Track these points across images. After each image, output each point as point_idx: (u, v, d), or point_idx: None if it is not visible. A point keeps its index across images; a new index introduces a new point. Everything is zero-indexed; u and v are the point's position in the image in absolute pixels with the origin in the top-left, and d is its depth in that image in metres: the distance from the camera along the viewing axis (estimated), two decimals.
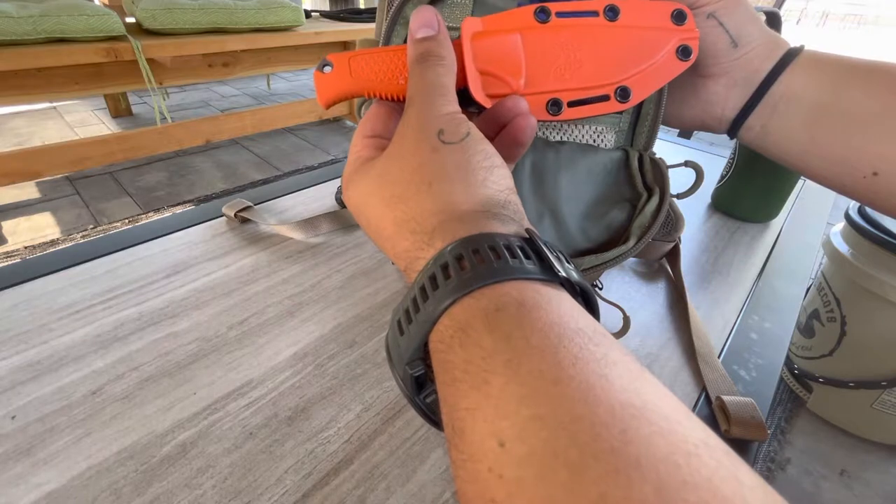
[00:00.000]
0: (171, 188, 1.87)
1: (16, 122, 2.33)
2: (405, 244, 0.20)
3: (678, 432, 0.12)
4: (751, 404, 0.32)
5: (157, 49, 1.52)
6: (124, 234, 0.47)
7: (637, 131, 0.32)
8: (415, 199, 0.20)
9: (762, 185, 0.56)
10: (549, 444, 0.12)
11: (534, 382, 0.13)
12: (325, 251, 0.46)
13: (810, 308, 1.10)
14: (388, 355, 0.20)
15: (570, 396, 0.13)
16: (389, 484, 0.27)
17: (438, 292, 0.17)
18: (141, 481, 0.26)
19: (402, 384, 0.19)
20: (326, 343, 0.36)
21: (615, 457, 0.11)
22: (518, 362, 0.14)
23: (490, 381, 0.14)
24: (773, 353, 0.39)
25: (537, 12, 0.25)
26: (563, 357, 0.14)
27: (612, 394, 0.13)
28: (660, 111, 0.31)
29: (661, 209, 0.31)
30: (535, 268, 0.17)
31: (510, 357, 0.14)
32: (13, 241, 1.48)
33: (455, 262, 0.17)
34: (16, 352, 0.33)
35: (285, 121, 2.11)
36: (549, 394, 0.13)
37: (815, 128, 0.28)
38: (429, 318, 0.17)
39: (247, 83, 3.18)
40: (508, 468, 0.12)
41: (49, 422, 0.29)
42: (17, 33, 1.28)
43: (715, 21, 0.28)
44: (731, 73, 0.30)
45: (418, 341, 0.17)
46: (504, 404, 0.13)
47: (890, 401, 0.98)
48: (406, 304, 0.18)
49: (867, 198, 0.29)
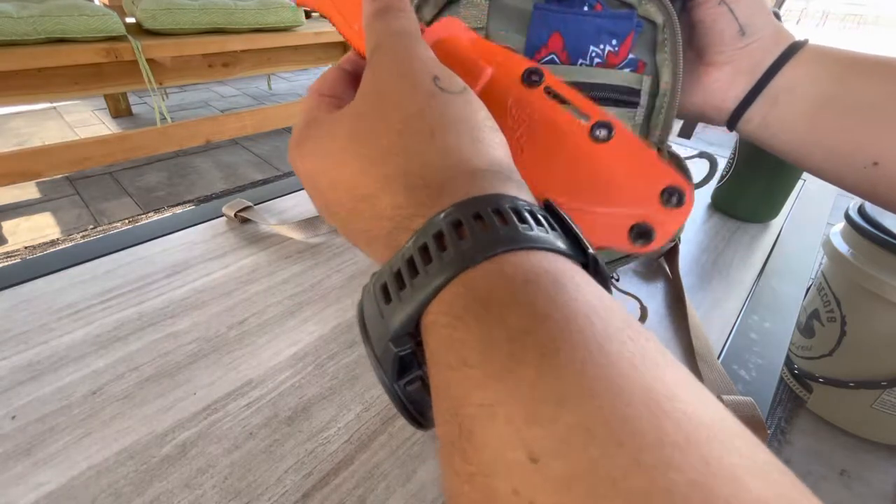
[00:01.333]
0: (171, 188, 1.87)
1: (16, 122, 2.33)
2: (397, 200, 0.16)
3: (757, 456, 0.10)
4: (751, 403, 0.32)
5: (157, 49, 1.52)
6: (124, 234, 0.47)
7: (652, 124, 0.32)
8: (414, 150, 0.16)
9: (762, 185, 0.56)
10: (601, 466, 0.09)
11: (579, 380, 0.10)
12: (325, 251, 0.46)
13: (810, 308, 1.10)
14: (362, 328, 0.16)
15: (628, 403, 0.10)
16: (389, 484, 0.27)
17: (447, 254, 0.14)
18: (141, 481, 0.26)
19: (380, 366, 0.15)
20: (326, 343, 0.36)
21: (699, 492, 0.09)
22: (557, 351, 0.11)
23: (517, 371, 0.11)
24: (773, 353, 0.39)
25: (528, 73, 0.21)
26: (613, 352, 0.11)
27: (677, 405, 0.10)
28: (674, 105, 0.30)
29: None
30: (562, 241, 0.14)
31: (547, 343, 0.11)
32: (13, 241, 1.48)
33: (471, 221, 0.14)
34: (16, 352, 0.33)
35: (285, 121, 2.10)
36: (600, 398, 0.10)
37: (815, 119, 0.28)
38: (431, 284, 0.14)
39: (247, 83, 3.17)
40: (543, 494, 0.09)
41: (49, 422, 0.29)
42: (18, 33, 1.28)
43: (725, 8, 0.28)
44: (735, 62, 0.29)
45: (413, 310, 0.14)
46: (538, 405, 0.10)
47: (890, 401, 0.98)
48: (397, 264, 0.15)
49: (867, 190, 0.28)
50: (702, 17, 0.30)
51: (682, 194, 0.19)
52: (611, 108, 0.30)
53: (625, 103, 0.30)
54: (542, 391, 0.10)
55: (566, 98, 0.21)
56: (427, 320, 0.14)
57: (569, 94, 0.21)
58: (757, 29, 0.29)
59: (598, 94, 0.29)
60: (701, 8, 0.29)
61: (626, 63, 0.30)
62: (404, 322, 0.14)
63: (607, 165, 0.19)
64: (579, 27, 0.29)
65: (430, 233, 0.14)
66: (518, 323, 0.12)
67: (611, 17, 0.29)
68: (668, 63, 0.30)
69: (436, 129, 0.17)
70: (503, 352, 0.11)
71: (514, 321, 0.12)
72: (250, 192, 0.56)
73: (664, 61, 0.30)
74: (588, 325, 0.12)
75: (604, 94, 0.30)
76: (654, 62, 0.31)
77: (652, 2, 0.29)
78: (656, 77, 0.31)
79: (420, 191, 0.16)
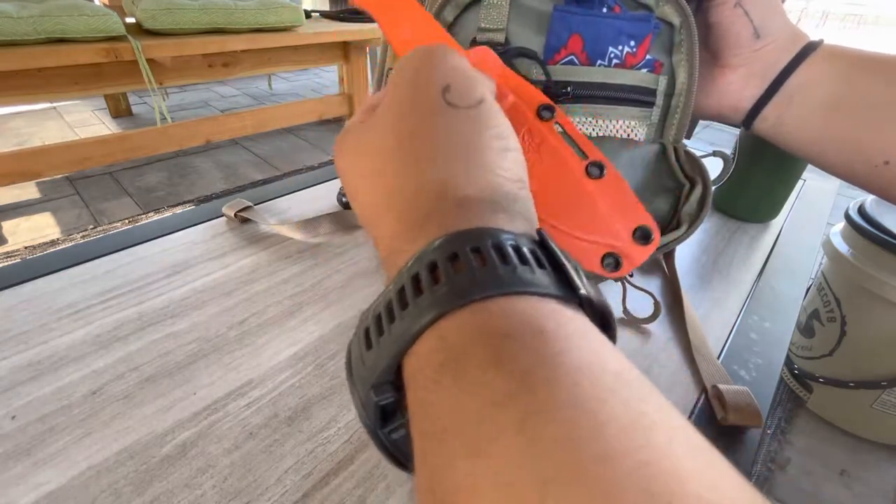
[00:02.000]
0: (171, 188, 1.87)
1: (16, 122, 2.33)
2: (388, 229, 0.16)
3: None
4: (746, 392, 0.32)
5: (157, 49, 1.52)
6: (124, 234, 0.47)
7: (667, 124, 0.32)
8: (408, 172, 0.16)
9: (762, 185, 0.56)
10: None
11: (565, 458, 0.09)
12: (325, 251, 0.46)
13: (810, 308, 1.10)
14: (347, 369, 0.15)
15: (622, 486, 0.09)
16: (389, 484, 0.27)
17: (422, 299, 0.13)
18: (141, 481, 0.26)
19: (363, 411, 0.14)
20: (326, 343, 0.36)
21: None
22: (540, 420, 0.10)
23: (499, 443, 0.10)
24: (773, 353, 0.39)
25: (542, 108, 0.24)
26: (605, 419, 0.10)
27: (687, 486, 0.09)
28: (689, 105, 0.31)
29: (706, 198, 0.32)
30: (550, 280, 0.13)
31: (528, 408, 0.10)
32: (13, 241, 1.48)
33: (446, 263, 0.13)
34: (16, 352, 0.33)
35: (285, 121, 2.10)
36: (593, 479, 0.09)
37: (828, 119, 0.28)
38: (406, 333, 0.13)
39: (247, 83, 3.17)
40: None
41: (49, 422, 0.29)
42: (17, 33, 1.28)
43: (741, 10, 0.28)
44: (750, 63, 0.30)
45: (388, 361, 0.13)
46: (521, 489, 0.09)
47: (890, 401, 0.98)
48: (378, 308, 0.14)
49: (880, 187, 0.29)
50: (718, 19, 0.30)
51: (651, 234, 0.21)
52: (628, 107, 0.31)
53: (641, 103, 0.31)
54: (528, 472, 0.09)
55: (571, 135, 0.23)
56: (407, 371, 0.13)
57: (573, 133, 0.23)
58: (772, 31, 0.29)
59: (615, 94, 0.30)
60: (717, 10, 0.29)
61: (643, 63, 0.30)
62: (383, 370, 0.13)
63: (595, 199, 0.22)
64: (598, 29, 0.29)
65: (407, 275, 0.13)
66: (499, 386, 0.10)
67: (630, 20, 0.29)
68: (684, 64, 0.30)
69: (422, 155, 0.16)
70: (485, 419, 0.10)
71: (495, 384, 0.11)
72: (250, 192, 0.56)
73: (680, 62, 0.30)
74: (573, 387, 0.10)
75: (621, 94, 0.30)
76: (671, 63, 0.31)
77: (669, 3, 0.29)
78: (672, 77, 0.31)
79: (410, 218, 0.15)
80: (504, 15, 0.30)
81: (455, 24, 0.31)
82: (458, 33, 0.31)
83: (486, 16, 0.30)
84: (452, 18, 0.30)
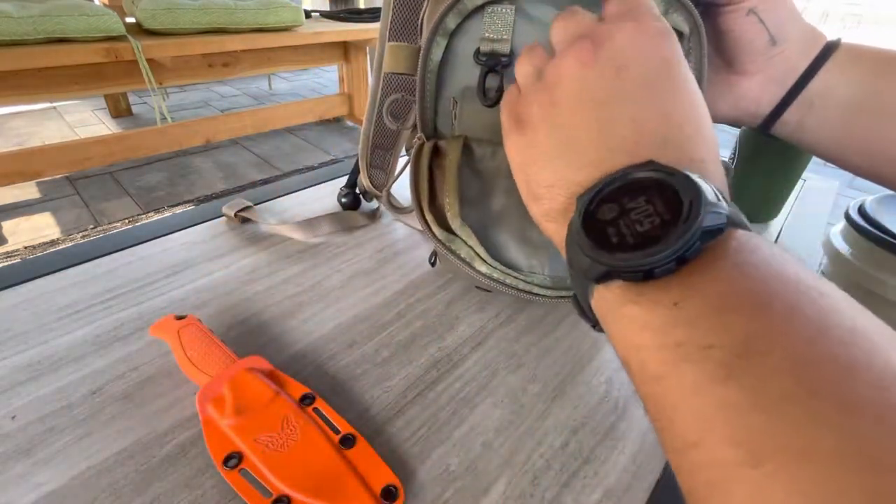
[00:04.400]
0: (171, 188, 1.87)
1: (16, 122, 2.34)
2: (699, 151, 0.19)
3: None
4: None
5: (157, 49, 1.52)
6: (124, 234, 0.47)
7: None
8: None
9: (762, 185, 0.56)
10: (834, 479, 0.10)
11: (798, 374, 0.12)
12: (325, 251, 0.46)
13: None
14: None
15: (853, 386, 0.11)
16: None
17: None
18: (141, 481, 0.26)
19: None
20: (326, 343, 0.36)
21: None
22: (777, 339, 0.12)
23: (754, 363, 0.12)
24: None
25: (304, 396, 0.29)
26: (833, 336, 0.12)
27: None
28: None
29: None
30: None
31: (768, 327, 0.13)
32: (13, 241, 1.49)
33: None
34: (16, 352, 0.33)
35: (285, 121, 2.11)
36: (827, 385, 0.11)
37: (851, 121, 0.28)
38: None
39: (247, 83, 3.18)
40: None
41: (49, 422, 0.29)
42: (18, 33, 1.29)
43: (755, 18, 0.27)
44: (766, 69, 0.29)
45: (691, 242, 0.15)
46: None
47: None
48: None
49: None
50: (730, 27, 0.29)
51: (397, 491, 0.25)
52: None
53: None
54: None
55: (326, 416, 0.28)
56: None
57: (329, 413, 0.29)
58: (789, 36, 0.28)
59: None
60: (729, 17, 0.28)
61: None
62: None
63: (348, 466, 0.26)
64: None
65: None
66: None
67: None
68: (693, 72, 0.30)
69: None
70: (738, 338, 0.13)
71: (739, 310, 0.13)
72: (250, 192, 0.56)
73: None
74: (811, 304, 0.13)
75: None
76: None
77: (679, 11, 0.29)
78: None
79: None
80: (509, 25, 0.29)
81: (457, 31, 0.31)
82: (459, 41, 0.31)
83: (491, 24, 0.29)
84: (454, 26, 0.30)
